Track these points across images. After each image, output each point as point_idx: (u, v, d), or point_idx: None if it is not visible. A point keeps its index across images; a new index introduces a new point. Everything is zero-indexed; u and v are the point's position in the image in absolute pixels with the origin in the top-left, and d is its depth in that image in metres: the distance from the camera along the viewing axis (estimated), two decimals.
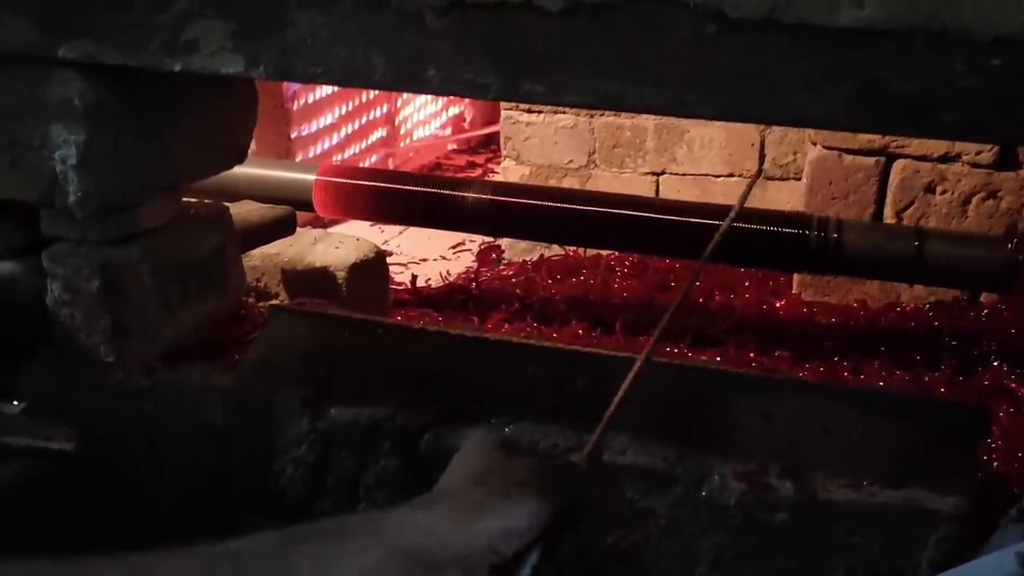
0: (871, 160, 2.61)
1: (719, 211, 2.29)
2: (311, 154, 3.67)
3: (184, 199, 1.88)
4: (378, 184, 2.48)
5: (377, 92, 4.03)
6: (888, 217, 2.63)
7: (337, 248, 2.27)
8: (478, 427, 1.54)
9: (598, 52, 1.27)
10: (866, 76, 1.19)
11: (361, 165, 3.97)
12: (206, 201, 1.99)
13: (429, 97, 4.53)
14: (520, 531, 0.87)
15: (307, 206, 2.52)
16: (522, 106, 3.22)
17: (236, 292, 1.95)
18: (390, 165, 4.25)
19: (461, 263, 3.22)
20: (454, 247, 3.36)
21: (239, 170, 1.99)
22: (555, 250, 2.99)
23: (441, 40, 1.32)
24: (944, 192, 2.60)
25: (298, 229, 2.36)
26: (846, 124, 1.29)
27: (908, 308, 2.64)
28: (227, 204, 2.01)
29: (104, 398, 1.70)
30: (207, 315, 1.85)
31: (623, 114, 3.14)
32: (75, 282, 1.66)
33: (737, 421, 1.53)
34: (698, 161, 3.18)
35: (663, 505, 1.46)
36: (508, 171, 3.32)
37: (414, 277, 2.77)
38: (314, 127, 3.70)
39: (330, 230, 2.76)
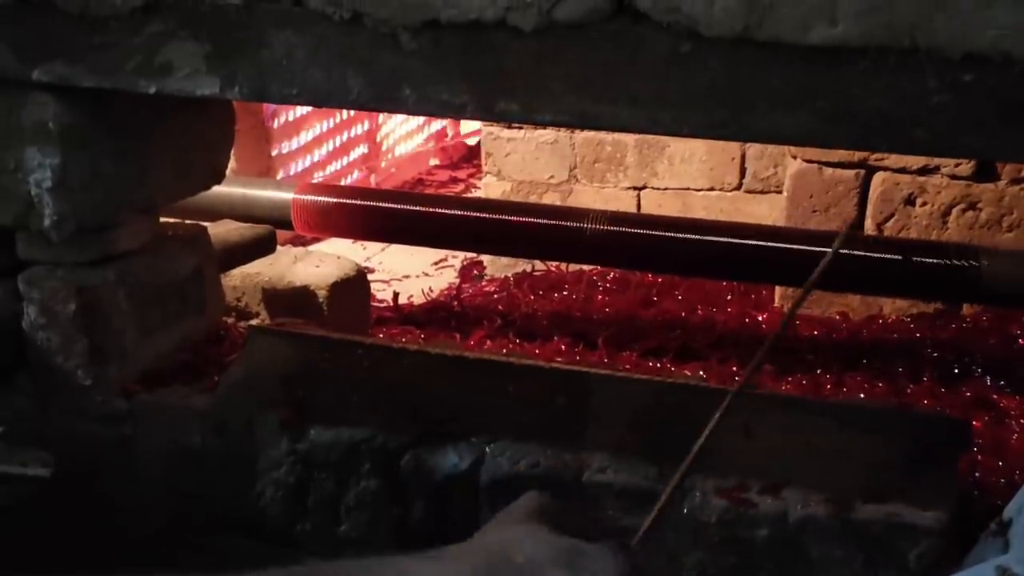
0: (851, 173, 2.63)
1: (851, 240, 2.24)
2: (292, 171, 3.66)
3: (162, 220, 1.87)
4: (359, 202, 2.50)
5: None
6: (869, 229, 2.64)
7: (318, 267, 2.26)
8: (458, 446, 1.54)
9: (572, 71, 1.27)
10: (839, 93, 1.19)
11: (342, 182, 3.97)
12: (185, 222, 1.98)
13: None
14: None
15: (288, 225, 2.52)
16: None
17: (215, 313, 1.94)
18: (372, 182, 4.25)
19: (444, 279, 3.21)
20: (436, 263, 3.35)
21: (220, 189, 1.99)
22: (537, 265, 2.99)
23: (417, 60, 1.32)
24: (924, 204, 2.61)
25: (278, 248, 2.35)
26: (820, 141, 1.30)
27: (890, 320, 2.64)
28: (206, 224, 2.00)
29: (82, 422, 1.68)
30: (186, 337, 1.84)
31: None
32: (51, 305, 1.65)
33: (718, 437, 1.52)
34: (679, 175, 3.18)
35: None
36: (489, 187, 3.32)
37: (396, 295, 2.76)
38: (295, 144, 3.69)
39: (310, 248, 2.76)
